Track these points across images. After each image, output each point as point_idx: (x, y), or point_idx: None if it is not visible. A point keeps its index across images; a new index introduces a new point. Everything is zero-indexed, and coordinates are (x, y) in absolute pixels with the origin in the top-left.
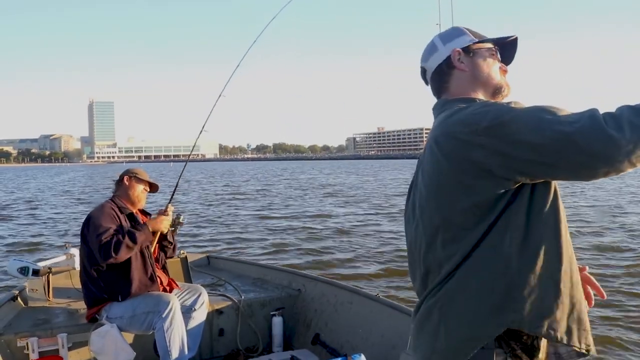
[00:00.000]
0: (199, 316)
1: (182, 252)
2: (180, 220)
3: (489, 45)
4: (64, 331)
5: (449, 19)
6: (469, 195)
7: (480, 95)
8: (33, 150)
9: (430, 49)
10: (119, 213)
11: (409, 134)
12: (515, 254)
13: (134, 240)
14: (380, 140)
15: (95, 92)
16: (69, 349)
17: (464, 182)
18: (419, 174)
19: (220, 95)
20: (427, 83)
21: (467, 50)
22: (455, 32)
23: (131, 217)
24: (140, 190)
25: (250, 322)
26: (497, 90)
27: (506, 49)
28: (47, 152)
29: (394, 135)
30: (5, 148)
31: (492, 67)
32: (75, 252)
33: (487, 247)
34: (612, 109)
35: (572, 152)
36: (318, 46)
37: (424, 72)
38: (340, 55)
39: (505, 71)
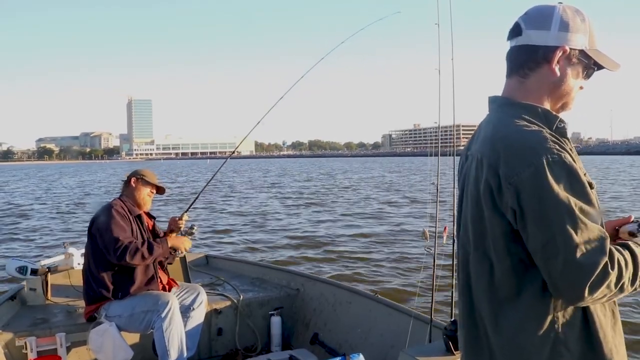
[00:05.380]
0: (198, 316)
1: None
2: (193, 230)
3: (593, 61)
4: (62, 330)
5: (447, 19)
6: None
7: (546, 104)
8: (74, 148)
9: (544, 19)
10: (128, 214)
11: (445, 131)
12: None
13: (151, 252)
14: (416, 137)
15: (134, 91)
16: (68, 348)
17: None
18: (466, 181)
19: (258, 123)
20: (508, 39)
21: (572, 54)
22: (576, 22)
23: (138, 218)
24: (146, 193)
25: (248, 322)
26: (563, 106)
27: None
28: (88, 149)
29: (429, 132)
30: (48, 145)
31: (577, 83)
32: (74, 251)
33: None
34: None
35: (549, 268)
36: (352, 44)
37: (517, 29)
38: (375, 52)
39: (581, 89)
